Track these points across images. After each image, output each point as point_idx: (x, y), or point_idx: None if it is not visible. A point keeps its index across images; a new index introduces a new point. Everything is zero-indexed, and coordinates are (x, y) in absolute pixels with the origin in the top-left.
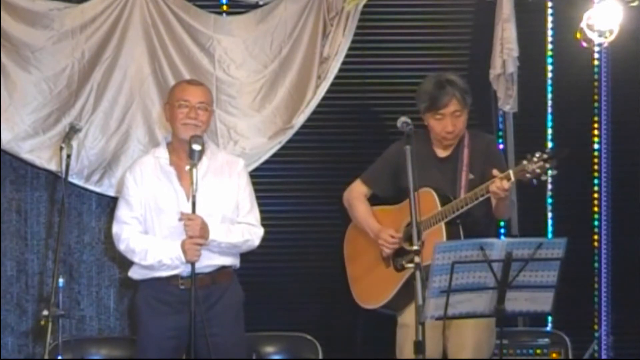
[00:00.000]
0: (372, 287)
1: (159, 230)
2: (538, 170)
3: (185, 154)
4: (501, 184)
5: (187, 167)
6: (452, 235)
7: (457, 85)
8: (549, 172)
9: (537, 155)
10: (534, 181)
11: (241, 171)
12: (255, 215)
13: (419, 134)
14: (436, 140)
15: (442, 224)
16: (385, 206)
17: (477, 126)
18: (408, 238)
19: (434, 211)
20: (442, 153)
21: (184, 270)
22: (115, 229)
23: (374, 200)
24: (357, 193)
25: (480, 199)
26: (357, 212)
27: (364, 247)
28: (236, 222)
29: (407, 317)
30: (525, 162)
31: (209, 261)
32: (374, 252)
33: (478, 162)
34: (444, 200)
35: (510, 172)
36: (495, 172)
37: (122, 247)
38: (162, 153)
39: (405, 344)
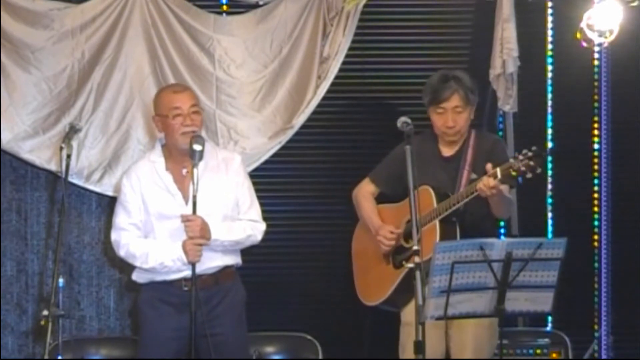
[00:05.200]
0: (372, 284)
1: (159, 234)
2: (523, 169)
3: (181, 156)
4: (487, 181)
5: (184, 171)
6: (446, 233)
7: (462, 82)
8: (536, 170)
9: (523, 153)
10: (520, 179)
11: (238, 167)
12: (256, 210)
13: (427, 133)
14: (439, 137)
15: (437, 222)
16: (389, 204)
17: (476, 126)
18: (407, 235)
19: (430, 208)
20: (447, 152)
21: (188, 272)
22: (113, 236)
23: (382, 198)
24: (364, 192)
25: (471, 196)
26: (362, 210)
27: (368, 244)
28: (237, 219)
29: (409, 315)
30: (512, 160)
31: (211, 262)
32: (376, 249)
33: (482, 162)
34: (442, 198)
35: (498, 170)
36: (488, 166)
37: (122, 253)
38: (158, 157)
39: (407, 342)
